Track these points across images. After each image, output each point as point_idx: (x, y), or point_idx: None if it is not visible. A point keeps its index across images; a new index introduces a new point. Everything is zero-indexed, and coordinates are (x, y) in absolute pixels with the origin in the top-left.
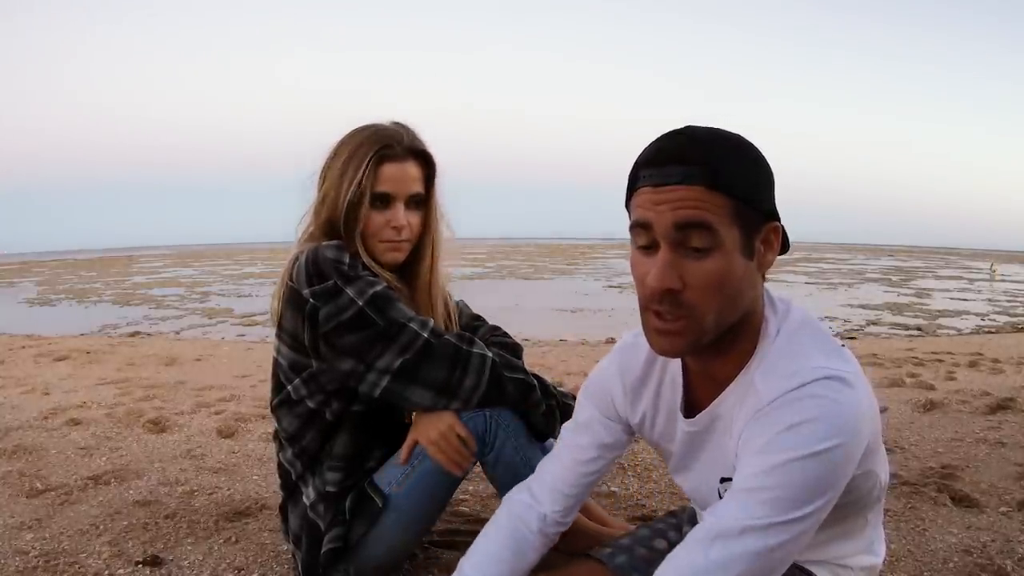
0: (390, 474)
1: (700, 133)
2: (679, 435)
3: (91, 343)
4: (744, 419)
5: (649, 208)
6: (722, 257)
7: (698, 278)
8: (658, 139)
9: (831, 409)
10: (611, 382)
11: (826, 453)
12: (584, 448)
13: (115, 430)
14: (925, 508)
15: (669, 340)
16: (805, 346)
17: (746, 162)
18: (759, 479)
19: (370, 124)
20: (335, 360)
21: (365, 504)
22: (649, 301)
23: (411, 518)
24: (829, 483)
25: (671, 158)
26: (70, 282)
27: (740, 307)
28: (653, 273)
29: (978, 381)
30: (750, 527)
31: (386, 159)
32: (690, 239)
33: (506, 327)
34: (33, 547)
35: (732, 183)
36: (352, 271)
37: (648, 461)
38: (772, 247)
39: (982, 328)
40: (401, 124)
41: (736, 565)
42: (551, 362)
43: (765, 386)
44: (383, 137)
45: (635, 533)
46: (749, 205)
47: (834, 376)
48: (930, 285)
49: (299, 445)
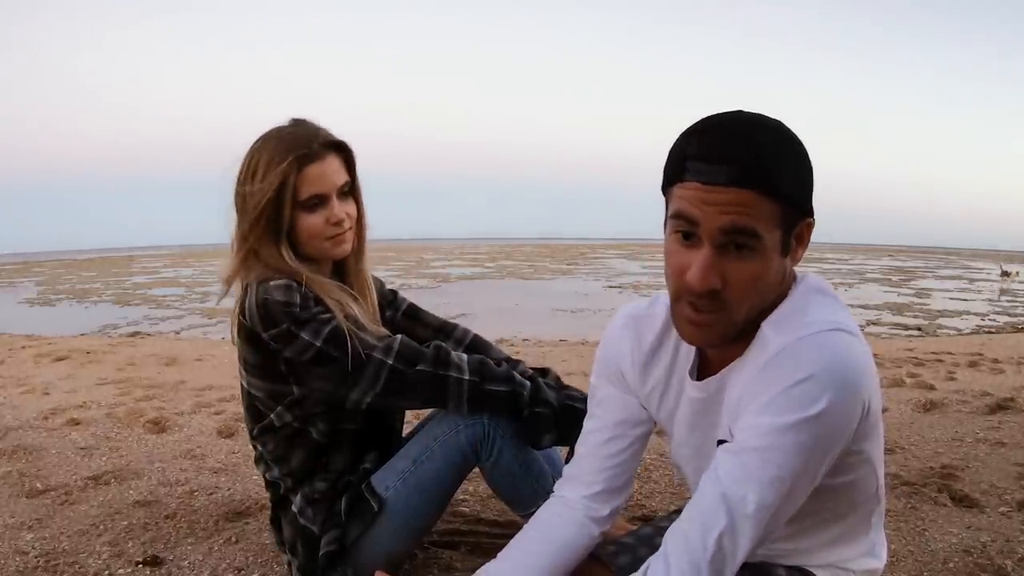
0: (388, 476)
1: (751, 129)
2: (685, 403)
3: (91, 343)
4: (748, 375)
5: (697, 206)
6: (763, 258)
7: (738, 278)
8: (707, 126)
9: (831, 363)
10: (621, 354)
11: (826, 411)
12: (600, 430)
13: (115, 430)
14: (925, 508)
15: (701, 331)
16: (816, 303)
17: (795, 163)
18: (761, 438)
19: (270, 131)
20: (311, 390)
21: (361, 506)
22: (685, 293)
23: (409, 520)
24: (829, 441)
25: (723, 156)
26: (70, 282)
27: (768, 298)
28: (695, 273)
29: (978, 381)
30: (752, 487)
31: (307, 161)
32: (735, 240)
33: (506, 327)
34: (33, 547)
35: (781, 187)
36: (304, 312)
37: (648, 461)
38: (804, 242)
39: (982, 328)
40: (303, 121)
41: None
42: (551, 362)
43: (774, 337)
44: (297, 141)
45: (638, 532)
46: (794, 207)
47: (838, 328)
48: (930, 285)
49: (288, 466)
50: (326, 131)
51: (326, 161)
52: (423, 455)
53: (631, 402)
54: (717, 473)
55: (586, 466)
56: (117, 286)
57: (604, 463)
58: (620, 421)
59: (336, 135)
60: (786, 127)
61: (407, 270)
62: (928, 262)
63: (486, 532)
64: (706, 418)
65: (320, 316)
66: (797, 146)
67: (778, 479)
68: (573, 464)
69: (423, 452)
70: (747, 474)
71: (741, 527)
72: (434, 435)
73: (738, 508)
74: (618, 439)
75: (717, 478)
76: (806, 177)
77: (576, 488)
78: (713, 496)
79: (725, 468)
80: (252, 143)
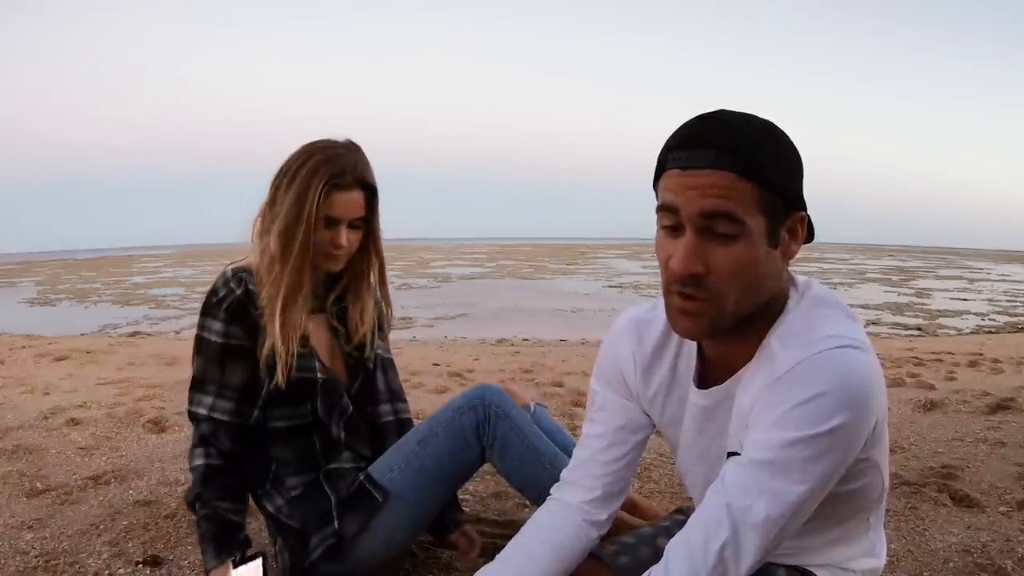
0: (392, 459)
1: (731, 117)
2: (690, 410)
3: (91, 343)
4: (759, 386)
5: (677, 192)
6: (747, 244)
7: (722, 263)
8: (689, 122)
9: (844, 380)
10: (623, 358)
11: (838, 429)
12: (600, 436)
13: (115, 430)
14: (925, 508)
15: (691, 320)
16: (823, 316)
17: (776, 150)
18: (771, 452)
19: (324, 144)
20: None
21: (362, 499)
22: (672, 283)
23: (411, 503)
24: (839, 457)
25: (700, 142)
26: (70, 282)
27: (761, 294)
28: (677, 257)
29: (978, 381)
30: (759, 499)
31: (336, 188)
32: (716, 225)
33: (506, 327)
34: (33, 547)
35: (761, 170)
36: (215, 307)
37: (648, 461)
38: (797, 236)
39: (982, 328)
40: (352, 147)
41: (752, 540)
42: (551, 362)
43: (783, 352)
44: (336, 165)
45: (638, 532)
46: (776, 194)
47: (849, 345)
48: (930, 285)
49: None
50: (365, 166)
51: (352, 193)
52: (427, 438)
53: (632, 408)
54: (723, 483)
55: (585, 471)
56: (117, 286)
57: (603, 468)
58: (620, 427)
59: (370, 174)
60: (773, 124)
61: (407, 270)
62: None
63: (486, 532)
64: (711, 426)
65: (216, 321)
66: (780, 137)
67: (785, 492)
68: (572, 468)
69: (427, 435)
70: (754, 486)
71: (745, 539)
72: (438, 420)
73: (743, 519)
74: (618, 445)
75: (723, 488)
76: (791, 168)
77: (575, 493)
78: (718, 507)
79: (732, 479)
80: (302, 145)
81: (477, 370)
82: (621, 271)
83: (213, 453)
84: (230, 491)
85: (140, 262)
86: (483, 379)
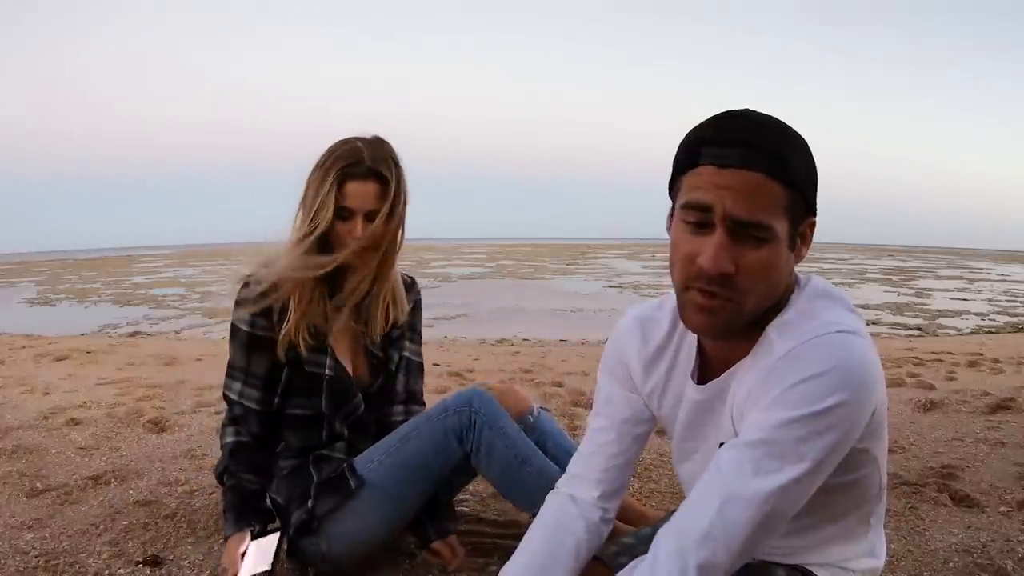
0: (375, 452)
1: (762, 118)
2: (685, 404)
3: (91, 343)
4: (754, 378)
5: (710, 189)
6: (774, 247)
7: (751, 265)
8: (719, 119)
9: (841, 362)
10: (628, 352)
11: (835, 408)
12: (605, 429)
13: (115, 430)
14: (925, 508)
15: (709, 317)
16: (823, 307)
17: (803, 155)
18: (764, 432)
19: (349, 138)
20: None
21: (338, 483)
22: (694, 280)
23: (389, 494)
24: (836, 438)
25: (735, 140)
26: (70, 282)
27: (775, 295)
28: (708, 255)
29: (978, 381)
30: (757, 481)
31: (349, 178)
32: (748, 227)
33: (506, 327)
34: (33, 547)
35: (790, 173)
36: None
37: (648, 461)
38: (807, 241)
39: (982, 328)
40: (373, 141)
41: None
42: (551, 362)
43: (780, 340)
44: (351, 156)
45: (638, 532)
46: (801, 197)
47: (847, 330)
48: (930, 285)
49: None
50: (382, 159)
51: (366, 183)
52: (411, 432)
53: (635, 400)
54: (717, 465)
55: (592, 464)
56: (117, 286)
57: (609, 462)
58: (625, 419)
59: (386, 165)
60: (793, 127)
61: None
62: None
63: (486, 532)
64: (706, 420)
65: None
66: (804, 142)
67: (779, 472)
68: (578, 462)
69: (410, 432)
70: (748, 466)
71: (735, 519)
72: (424, 418)
73: (733, 498)
74: (622, 438)
75: (717, 469)
76: (812, 173)
77: (586, 488)
78: (708, 485)
79: (725, 461)
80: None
81: (477, 370)
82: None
83: (243, 432)
84: (255, 466)
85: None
86: (483, 379)
